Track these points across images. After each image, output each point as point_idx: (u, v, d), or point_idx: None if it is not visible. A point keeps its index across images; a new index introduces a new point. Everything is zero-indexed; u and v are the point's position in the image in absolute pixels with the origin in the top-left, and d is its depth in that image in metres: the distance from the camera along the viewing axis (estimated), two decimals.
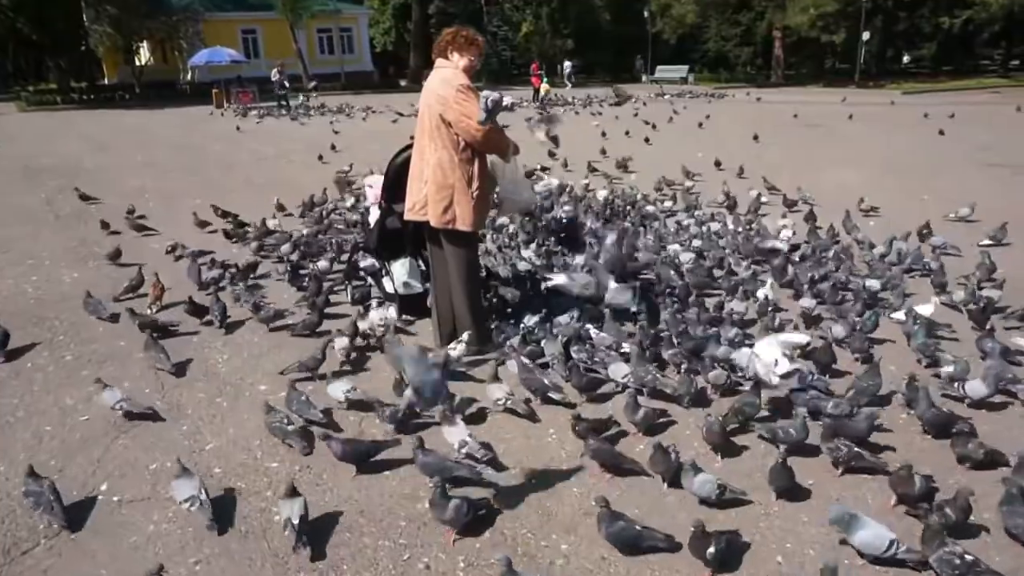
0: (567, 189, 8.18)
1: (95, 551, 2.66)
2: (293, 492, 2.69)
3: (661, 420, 3.45)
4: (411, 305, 4.81)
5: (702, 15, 41.48)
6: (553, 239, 5.98)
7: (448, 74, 3.90)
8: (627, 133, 14.56)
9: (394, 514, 2.83)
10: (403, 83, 41.82)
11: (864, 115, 17.53)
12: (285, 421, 3.31)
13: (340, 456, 3.06)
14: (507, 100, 3.79)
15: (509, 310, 4.74)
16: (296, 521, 2.60)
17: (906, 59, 42.50)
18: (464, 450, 3.07)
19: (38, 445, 3.37)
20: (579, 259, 5.46)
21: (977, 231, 6.62)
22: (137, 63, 35.46)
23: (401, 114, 20.28)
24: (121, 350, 4.44)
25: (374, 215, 5.07)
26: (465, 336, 4.03)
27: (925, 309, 4.46)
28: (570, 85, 36.69)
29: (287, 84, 25.20)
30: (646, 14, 42.00)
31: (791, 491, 2.86)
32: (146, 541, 2.70)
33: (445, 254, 4.09)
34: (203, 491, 2.80)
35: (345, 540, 2.69)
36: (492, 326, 4.42)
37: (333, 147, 13.32)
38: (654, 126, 15.73)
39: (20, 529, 2.79)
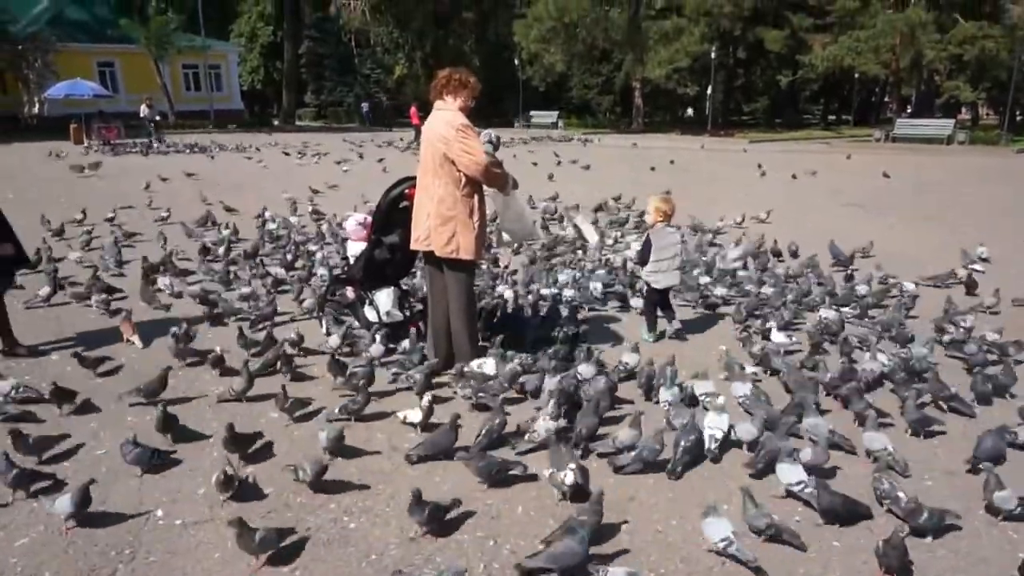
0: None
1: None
2: None
3: None
4: (393, 331, 5.04)
5: (567, 65, 44.09)
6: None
7: (449, 116, 4.28)
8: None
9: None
10: (275, 122, 40.87)
11: (728, 160, 19.40)
12: None
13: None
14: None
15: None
16: None
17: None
18: None
19: None
20: None
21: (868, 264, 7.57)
22: None
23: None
24: None
25: (352, 249, 5.30)
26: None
27: None
28: None
29: (158, 118, 24.25)
30: (516, 61, 43.97)
31: None
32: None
33: (445, 280, 4.42)
34: None
35: None
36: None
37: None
38: (551, 176, 15.03)
39: (91, 556, 2.79)
